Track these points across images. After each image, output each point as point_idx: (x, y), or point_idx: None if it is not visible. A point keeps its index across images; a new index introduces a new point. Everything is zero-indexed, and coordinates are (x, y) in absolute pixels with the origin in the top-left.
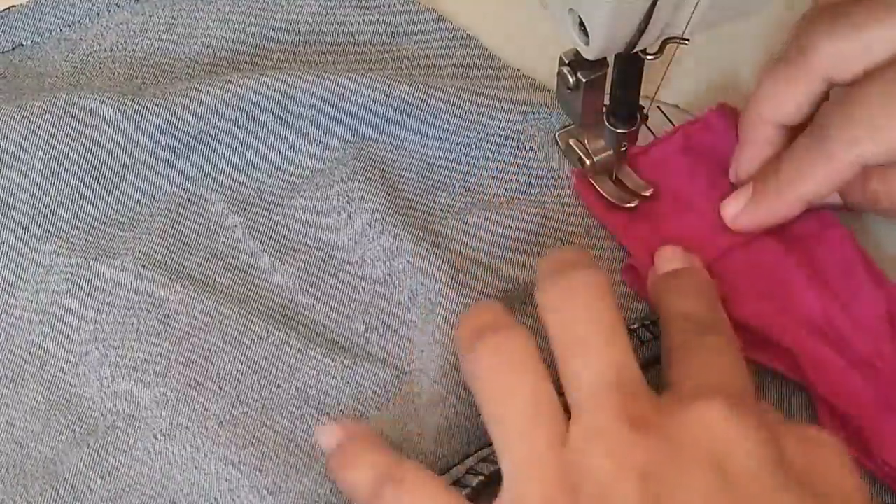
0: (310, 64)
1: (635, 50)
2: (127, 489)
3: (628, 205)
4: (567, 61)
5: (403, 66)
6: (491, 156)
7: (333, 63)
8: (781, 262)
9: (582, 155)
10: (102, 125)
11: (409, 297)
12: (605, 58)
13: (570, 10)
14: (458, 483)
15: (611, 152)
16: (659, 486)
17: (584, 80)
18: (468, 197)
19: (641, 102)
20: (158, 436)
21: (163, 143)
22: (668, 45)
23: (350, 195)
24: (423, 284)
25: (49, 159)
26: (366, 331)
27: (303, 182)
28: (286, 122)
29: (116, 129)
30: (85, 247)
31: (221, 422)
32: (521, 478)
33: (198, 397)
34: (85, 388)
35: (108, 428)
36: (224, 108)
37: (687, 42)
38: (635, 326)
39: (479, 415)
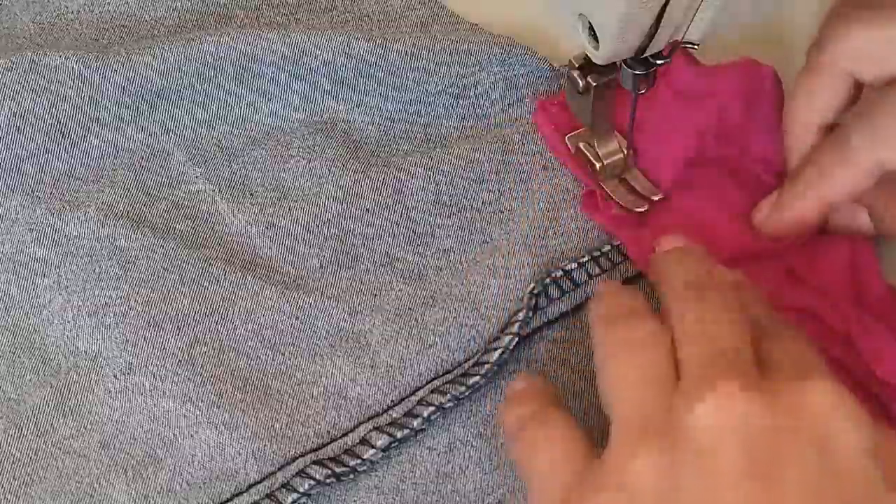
0: (272, 25)
1: (645, 55)
2: (89, 427)
3: (639, 209)
4: (577, 65)
5: (363, 25)
6: (451, 107)
7: (295, 24)
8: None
9: (592, 158)
10: (67, 81)
11: (364, 244)
12: (614, 62)
13: (580, 15)
14: (409, 413)
15: (621, 156)
16: (765, 452)
17: (594, 85)
18: (430, 144)
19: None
20: (118, 374)
21: (126, 99)
22: None
23: (311, 147)
24: (380, 236)
25: (14, 115)
26: (321, 266)
27: (263, 137)
28: (247, 80)
29: (81, 84)
30: (50, 199)
31: (180, 360)
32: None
33: (156, 337)
34: (48, 332)
35: (71, 369)
36: (186, 65)
37: (697, 46)
38: (607, 249)
39: (431, 347)
